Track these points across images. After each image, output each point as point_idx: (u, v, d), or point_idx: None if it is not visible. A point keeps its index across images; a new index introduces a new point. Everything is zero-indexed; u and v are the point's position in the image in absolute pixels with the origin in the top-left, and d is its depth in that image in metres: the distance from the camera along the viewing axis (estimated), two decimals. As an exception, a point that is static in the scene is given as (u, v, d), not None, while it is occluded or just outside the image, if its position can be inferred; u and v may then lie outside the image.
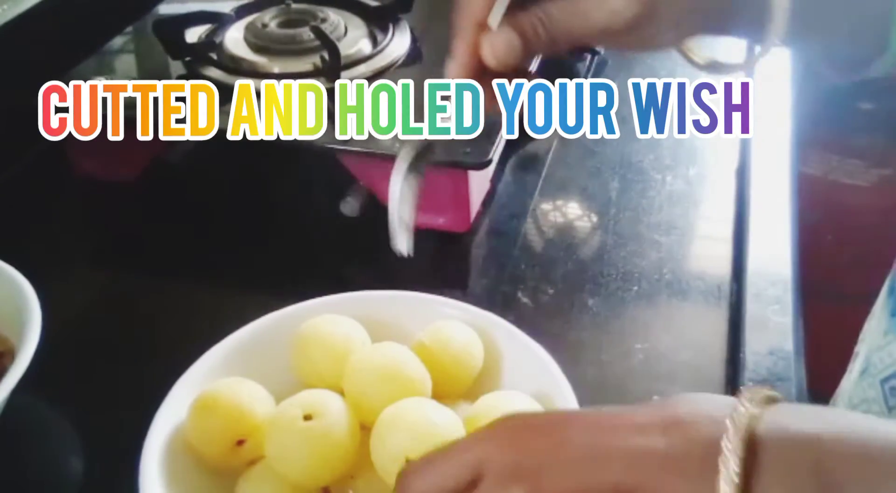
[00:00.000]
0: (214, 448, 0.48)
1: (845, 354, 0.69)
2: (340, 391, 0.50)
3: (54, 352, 0.52)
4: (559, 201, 0.77)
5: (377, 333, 0.53)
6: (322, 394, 0.48)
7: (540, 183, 0.78)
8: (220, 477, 0.49)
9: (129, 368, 0.60)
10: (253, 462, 0.49)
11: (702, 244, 0.73)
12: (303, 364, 0.52)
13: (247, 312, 0.55)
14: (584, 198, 0.77)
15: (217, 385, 0.49)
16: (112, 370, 0.61)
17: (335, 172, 0.72)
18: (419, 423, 0.45)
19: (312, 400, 0.48)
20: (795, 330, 0.62)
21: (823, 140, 1.39)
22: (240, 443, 0.48)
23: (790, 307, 0.63)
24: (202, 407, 0.48)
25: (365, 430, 0.48)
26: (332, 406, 0.47)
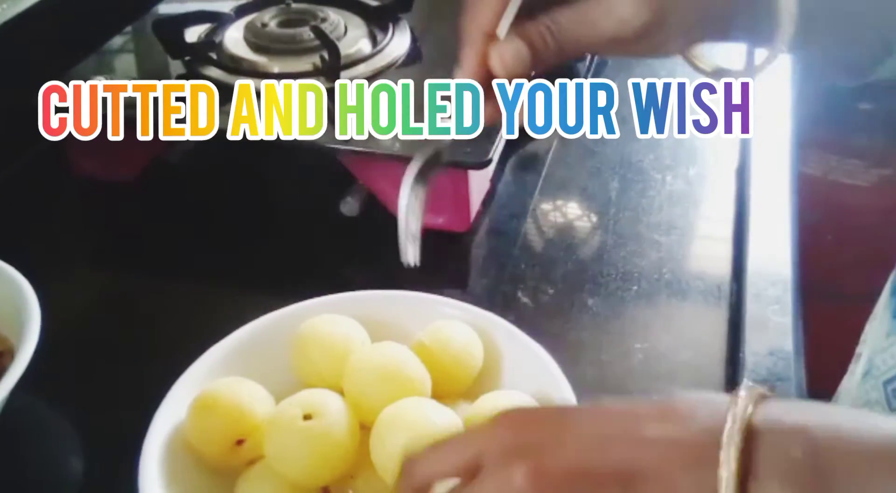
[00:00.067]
0: (214, 448, 0.48)
1: (845, 354, 0.69)
2: (340, 391, 0.49)
3: (54, 352, 0.52)
4: (559, 201, 0.77)
5: (377, 332, 0.53)
6: (322, 394, 0.48)
7: (540, 183, 0.78)
8: (220, 477, 0.49)
9: (129, 367, 0.60)
10: (252, 462, 0.49)
11: (702, 244, 0.73)
12: (302, 364, 0.52)
13: (246, 311, 0.55)
14: (584, 198, 0.77)
15: (217, 385, 0.49)
16: (112, 370, 0.61)
17: (335, 171, 0.72)
18: (419, 423, 0.45)
19: (312, 400, 0.48)
20: (795, 330, 0.61)
21: (823, 140, 1.39)
22: (239, 443, 0.48)
23: (790, 307, 0.63)
24: (202, 407, 0.48)
25: (365, 430, 0.48)
26: (332, 406, 0.47)
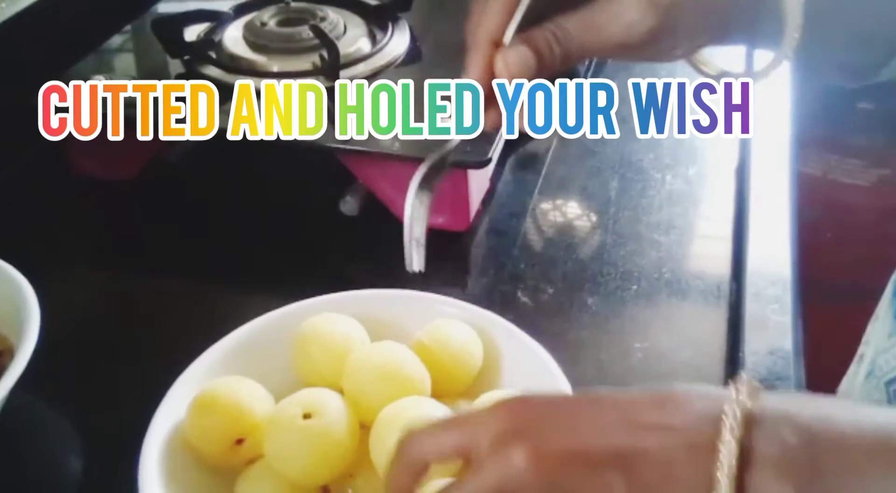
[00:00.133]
0: (214, 447, 0.48)
1: (845, 353, 0.69)
2: (340, 390, 0.49)
3: (54, 351, 0.52)
4: (559, 201, 0.77)
5: (376, 331, 0.53)
6: (321, 393, 0.48)
7: (539, 182, 0.78)
8: (220, 476, 0.49)
9: (129, 366, 0.60)
10: (252, 461, 0.49)
11: (701, 244, 0.73)
12: (302, 363, 0.52)
13: (246, 311, 0.55)
14: (584, 197, 0.77)
15: (216, 384, 0.49)
16: (112, 369, 0.61)
17: (334, 171, 0.71)
18: (418, 422, 0.45)
19: (312, 399, 0.48)
20: (795, 329, 0.61)
21: (823, 140, 1.40)
22: (239, 442, 0.48)
23: (789, 307, 0.63)
24: (201, 406, 0.48)
25: (364, 429, 0.48)
26: (332, 405, 0.47)
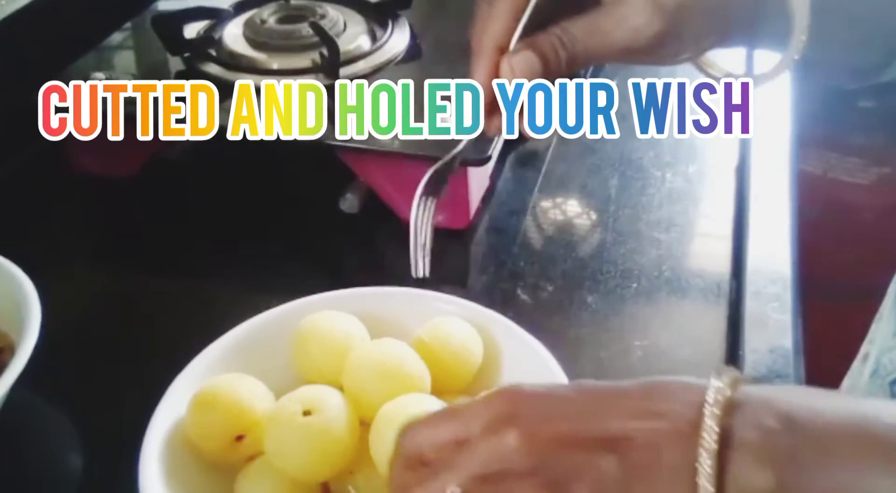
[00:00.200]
0: (214, 444, 0.48)
1: (845, 351, 0.69)
2: (340, 387, 0.49)
3: (54, 348, 0.52)
4: (559, 198, 0.77)
5: (377, 329, 0.53)
6: (321, 390, 0.48)
7: (539, 180, 0.78)
8: (220, 473, 0.48)
9: (129, 364, 0.60)
10: (252, 458, 0.49)
11: (701, 242, 0.73)
12: (302, 360, 0.52)
13: (247, 308, 0.55)
14: (584, 195, 0.77)
15: (216, 381, 0.49)
16: (112, 366, 0.61)
17: (334, 168, 0.71)
18: (416, 415, 0.45)
19: (312, 396, 0.48)
20: (795, 328, 0.61)
21: (823, 138, 1.40)
22: (239, 439, 0.48)
23: (789, 305, 0.63)
24: (202, 403, 0.48)
25: (364, 426, 0.48)
26: (332, 402, 0.47)
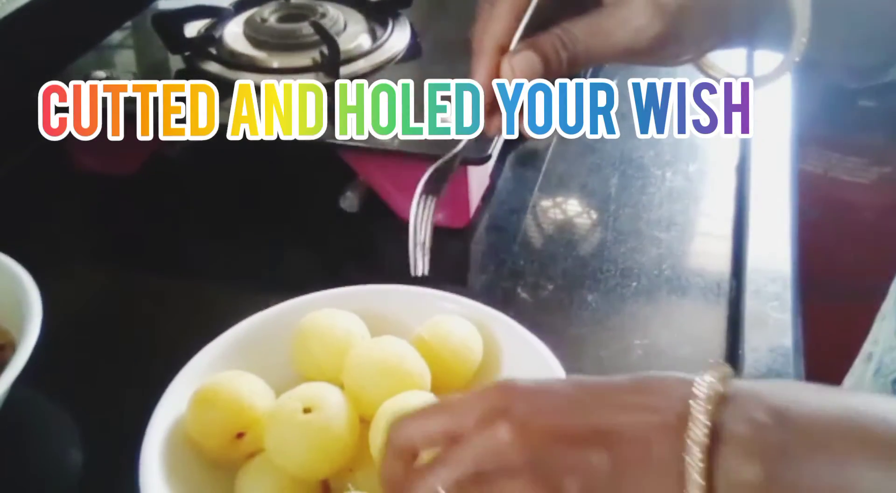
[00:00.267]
0: (214, 441, 0.48)
1: (845, 350, 0.69)
2: (340, 385, 0.50)
3: (55, 345, 0.52)
4: (559, 197, 0.77)
5: (377, 327, 0.53)
6: (321, 387, 0.48)
7: (540, 179, 0.78)
8: (220, 470, 0.49)
9: (130, 362, 0.60)
10: (253, 455, 0.49)
11: (701, 241, 0.73)
12: (303, 358, 0.52)
13: (247, 307, 0.55)
14: (584, 194, 0.77)
15: (217, 378, 0.49)
16: (113, 363, 0.61)
17: (335, 167, 0.72)
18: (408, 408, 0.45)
19: (312, 393, 0.48)
20: (794, 327, 0.61)
21: (823, 137, 1.40)
22: (239, 436, 0.48)
23: (789, 304, 0.63)
24: (202, 400, 0.48)
25: (364, 423, 0.48)
26: (332, 399, 0.47)
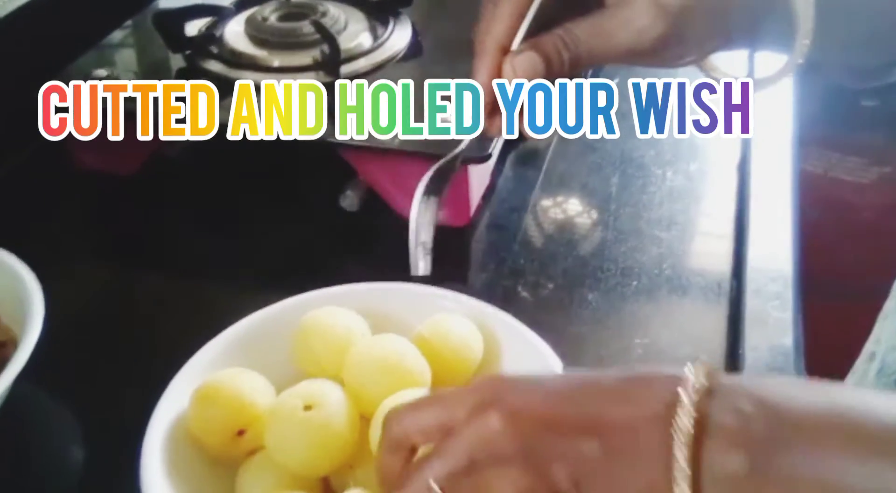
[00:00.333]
0: (215, 438, 0.48)
1: (845, 350, 0.69)
2: (340, 382, 0.50)
3: (57, 343, 0.52)
4: (559, 197, 0.77)
5: (377, 325, 0.53)
6: (322, 384, 0.48)
7: (540, 178, 0.78)
8: (221, 467, 0.49)
9: (131, 359, 0.61)
10: (253, 452, 0.49)
11: (702, 240, 0.73)
12: (303, 355, 0.52)
13: (247, 305, 0.55)
14: (585, 193, 0.77)
15: (218, 376, 0.49)
16: (114, 360, 0.61)
17: (335, 166, 0.72)
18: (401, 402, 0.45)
19: (312, 390, 0.48)
20: (795, 326, 0.61)
21: (824, 137, 1.40)
22: (240, 433, 0.48)
23: (790, 303, 0.63)
24: (203, 397, 0.48)
25: (365, 420, 0.48)
26: (332, 397, 0.47)
